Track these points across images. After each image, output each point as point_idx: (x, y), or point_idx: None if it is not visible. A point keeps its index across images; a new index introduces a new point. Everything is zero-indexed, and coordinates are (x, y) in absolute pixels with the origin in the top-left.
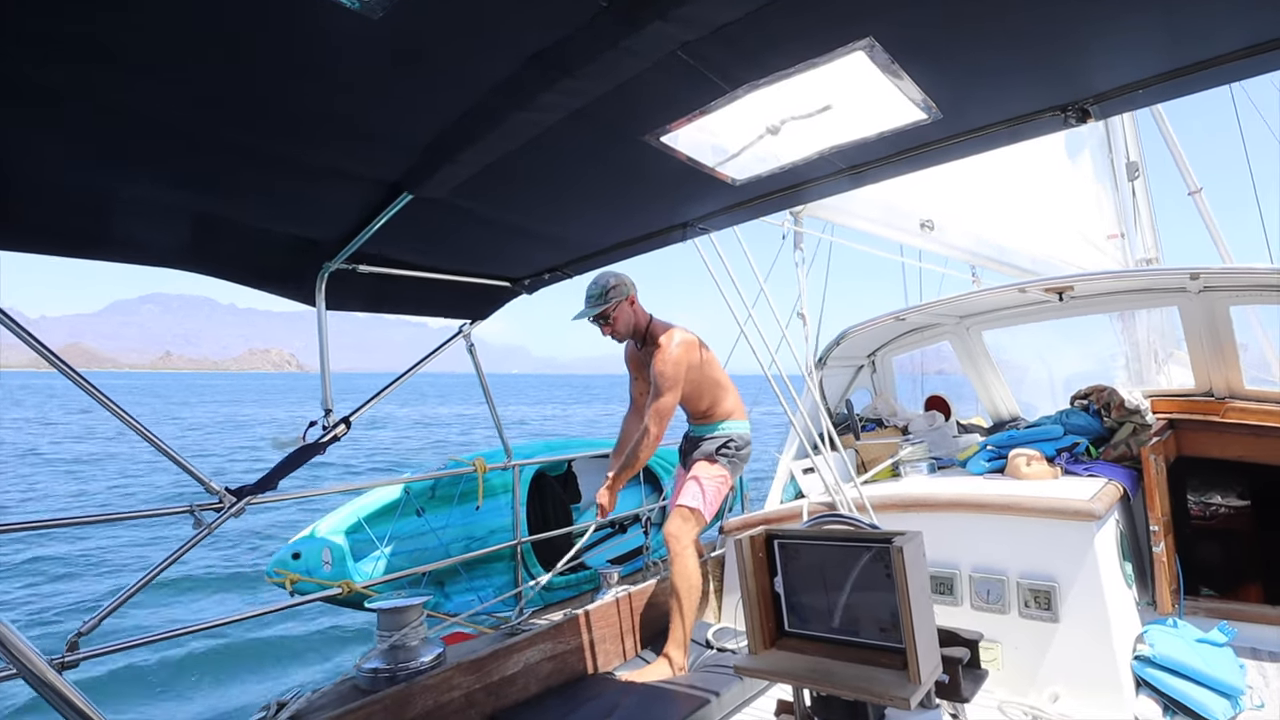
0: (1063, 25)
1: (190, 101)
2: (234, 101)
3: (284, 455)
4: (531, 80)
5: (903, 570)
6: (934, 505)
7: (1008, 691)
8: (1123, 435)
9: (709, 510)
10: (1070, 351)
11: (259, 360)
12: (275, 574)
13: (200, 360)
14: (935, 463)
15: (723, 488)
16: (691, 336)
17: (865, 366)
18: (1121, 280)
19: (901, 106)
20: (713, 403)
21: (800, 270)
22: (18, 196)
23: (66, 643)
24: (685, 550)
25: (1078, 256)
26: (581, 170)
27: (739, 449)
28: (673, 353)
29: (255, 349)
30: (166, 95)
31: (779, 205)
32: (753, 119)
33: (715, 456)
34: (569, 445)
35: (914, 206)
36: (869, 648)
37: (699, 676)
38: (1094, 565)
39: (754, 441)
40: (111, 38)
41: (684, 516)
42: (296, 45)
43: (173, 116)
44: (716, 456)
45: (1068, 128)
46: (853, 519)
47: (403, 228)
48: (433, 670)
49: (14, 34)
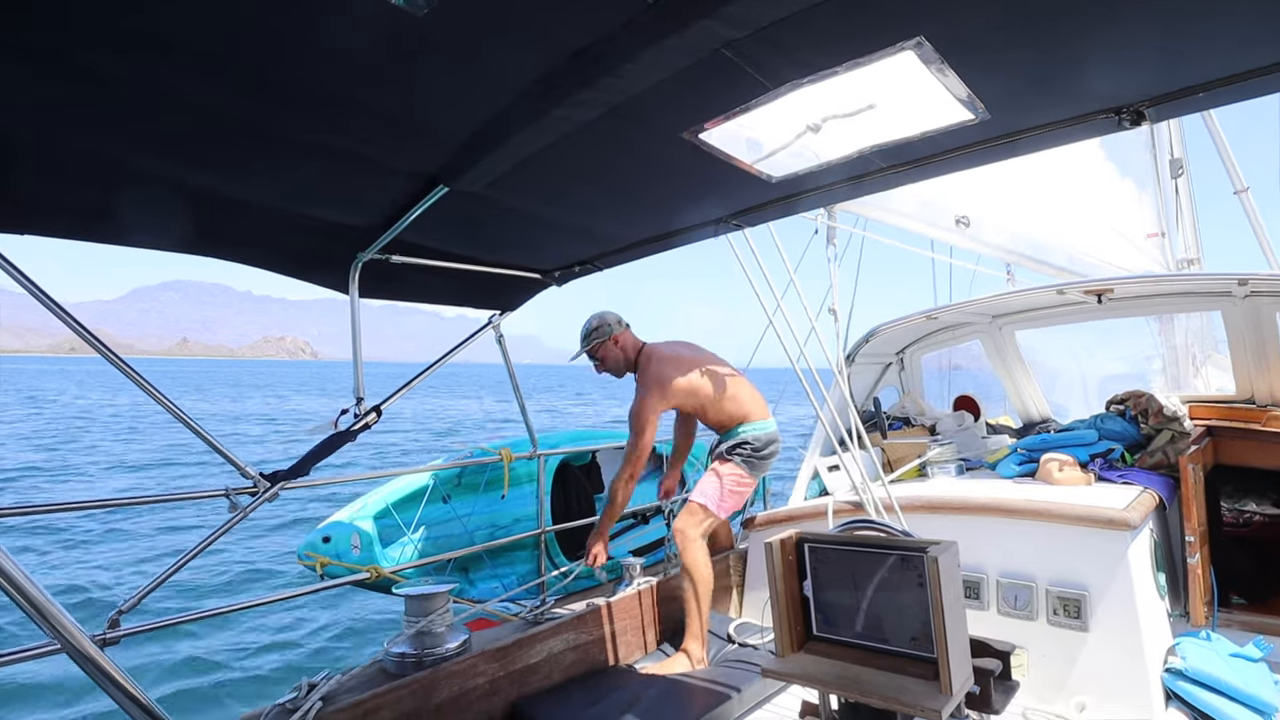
0: (1123, 26)
1: (228, 88)
2: (274, 91)
3: (317, 442)
4: (572, 77)
5: (937, 581)
6: (963, 508)
7: (1033, 699)
8: (1160, 442)
9: (721, 507)
10: (1104, 353)
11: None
12: (306, 556)
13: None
14: (964, 464)
15: (739, 486)
16: (665, 375)
17: (893, 364)
18: (1164, 284)
19: (947, 105)
20: (723, 414)
21: (832, 265)
22: (56, 183)
23: (108, 620)
24: (691, 544)
25: (1115, 255)
26: (616, 165)
27: (756, 450)
28: (641, 396)
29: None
30: (206, 82)
31: (815, 203)
32: (793, 117)
33: (729, 455)
34: (594, 436)
35: (950, 202)
36: (899, 656)
37: (720, 672)
38: (1127, 575)
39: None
40: (159, 26)
41: (692, 511)
42: (339, 38)
43: (214, 104)
44: (729, 455)
45: (1120, 130)
46: (885, 525)
47: (437, 219)
48: (458, 656)
49: (55, 19)
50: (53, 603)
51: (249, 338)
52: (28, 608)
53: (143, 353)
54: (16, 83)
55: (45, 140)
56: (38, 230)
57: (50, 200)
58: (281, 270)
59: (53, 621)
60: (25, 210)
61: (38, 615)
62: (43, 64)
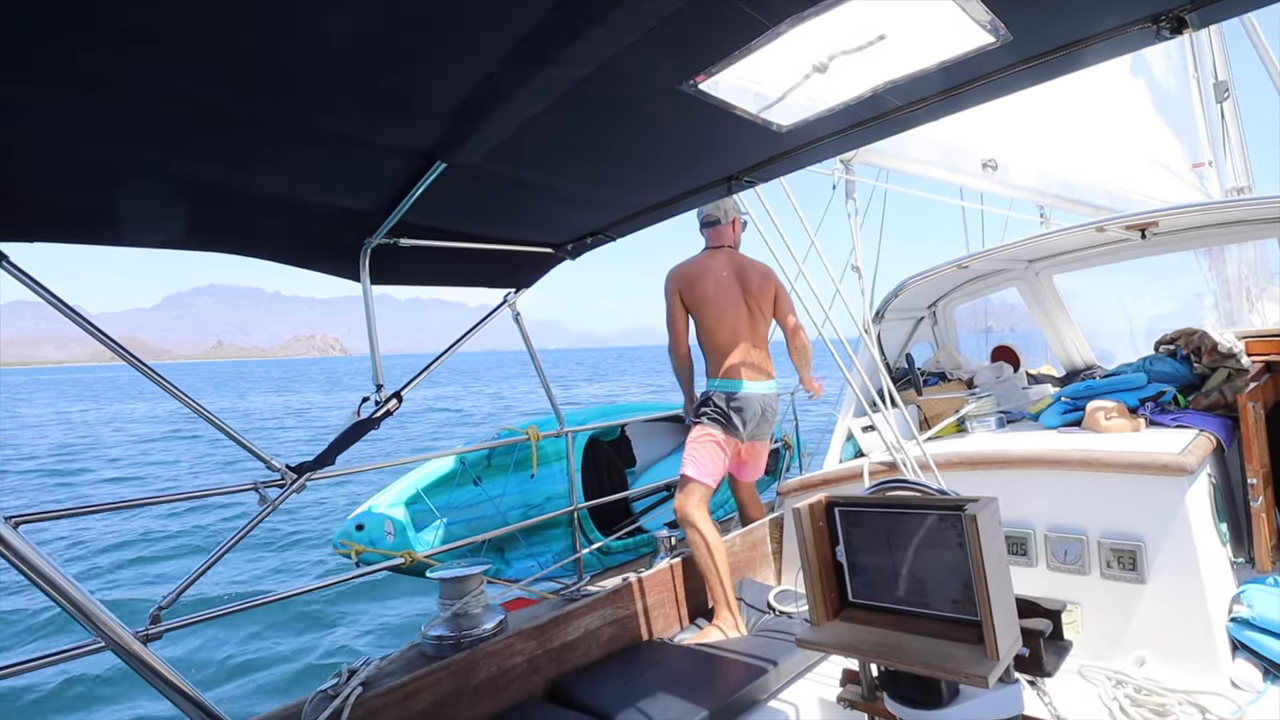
0: None
1: (221, 82)
2: (266, 80)
3: (340, 432)
4: (558, 32)
5: (976, 539)
6: (1005, 462)
7: (1089, 655)
8: (1215, 382)
9: (702, 471)
10: (1151, 292)
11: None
12: (341, 545)
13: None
14: (1004, 417)
15: (709, 445)
16: (672, 272)
17: (926, 318)
18: (1211, 213)
19: (965, 30)
20: (708, 363)
21: (853, 221)
22: (59, 189)
23: (149, 615)
24: (690, 521)
25: (1158, 189)
26: (617, 127)
27: (719, 408)
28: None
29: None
30: (195, 76)
31: (830, 151)
32: (798, 58)
33: (696, 417)
34: (622, 410)
35: (975, 146)
36: (941, 620)
37: (759, 643)
38: (1185, 523)
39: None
40: (138, 15)
41: (680, 488)
42: (317, 18)
43: (207, 97)
44: (696, 417)
45: (1160, 41)
46: (919, 484)
47: (440, 198)
48: (495, 637)
49: (49, 20)
50: (93, 601)
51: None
52: (69, 608)
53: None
54: (13, 88)
55: (46, 145)
56: (45, 237)
57: (55, 205)
58: (293, 261)
59: (95, 620)
60: (31, 217)
61: (80, 615)
62: (39, 67)
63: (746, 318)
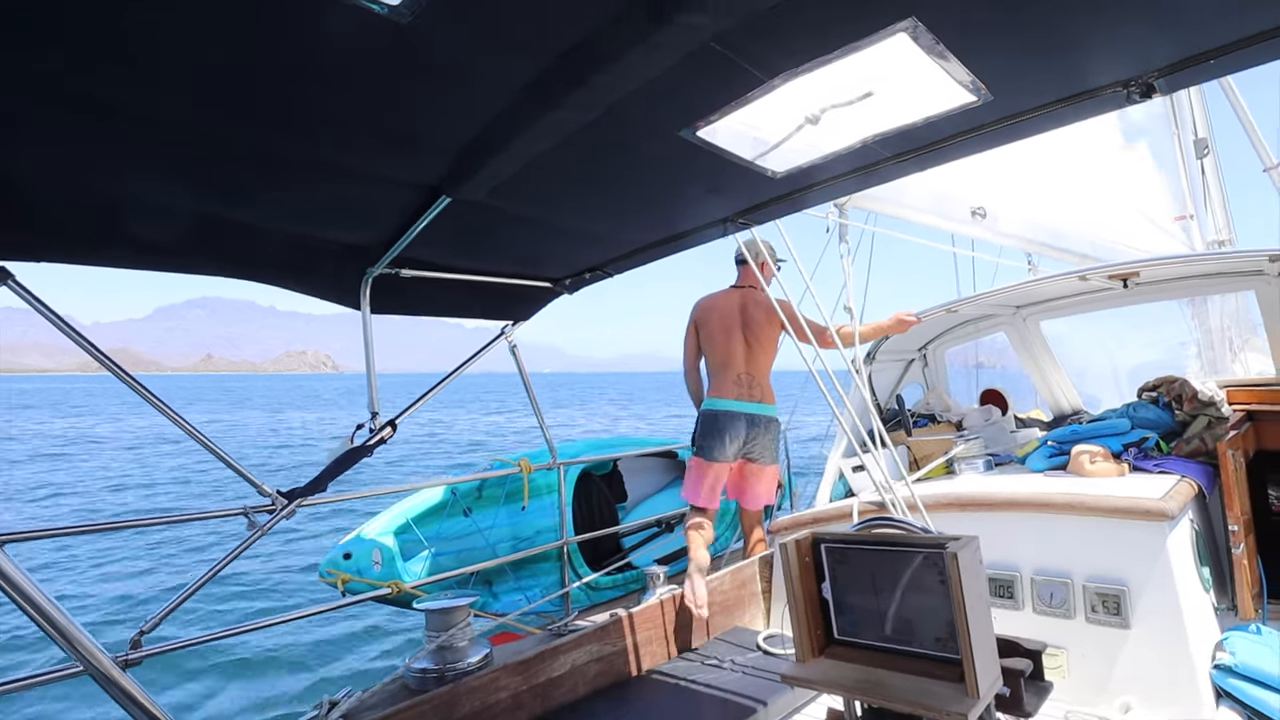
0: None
1: (226, 115)
2: (272, 114)
3: (332, 458)
4: (562, 78)
5: (958, 578)
6: (992, 504)
7: (1074, 700)
8: (1196, 429)
9: (688, 493)
10: (1136, 340)
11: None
12: (328, 573)
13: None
14: (992, 459)
15: (690, 466)
16: (695, 302)
17: (916, 360)
18: (1192, 264)
19: (948, 89)
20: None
21: (846, 261)
22: (64, 212)
23: (130, 641)
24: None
25: (1142, 240)
26: (619, 167)
27: (696, 427)
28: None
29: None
30: (199, 103)
31: (823, 197)
32: (792, 109)
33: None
34: (614, 444)
35: (964, 193)
36: (924, 658)
37: (748, 683)
38: (1167, 568)
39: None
40: (144, 46)
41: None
42: (323, 49)
43: (214, 129)
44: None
45: (1130, 104)
46: (904, 522)
47: (443, 231)
48: (480, 671)
49: (51, 44)
50: (74, 624)
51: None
52: (49, 630)
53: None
54: (20, 114)
55: (55, 169)
56: (51, 257)
57: (61, 227)
58: (293, 287)
59: (74, 643)
60: (35, 239)
61: (59, 637)
62: (43, 94)
63: (742, 348)
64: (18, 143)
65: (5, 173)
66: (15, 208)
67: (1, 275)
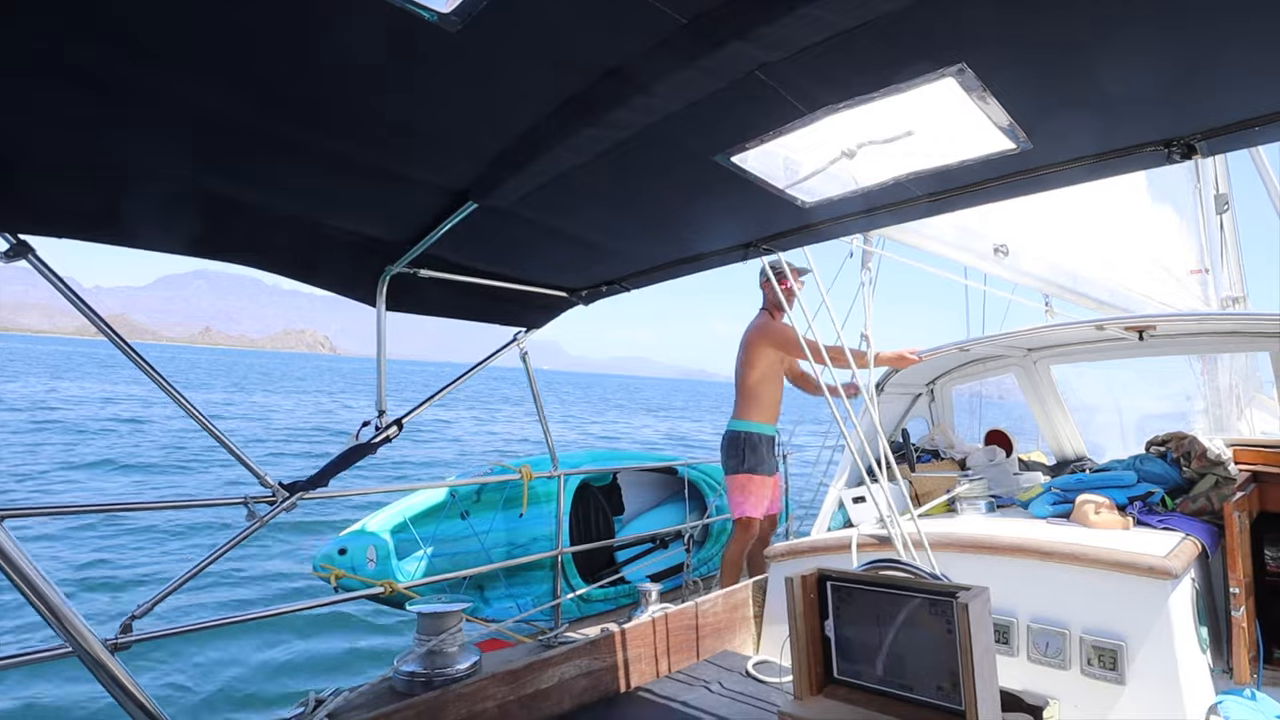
0: (1173, 57)
1: (259, 104)
2: (306, 107)
3: (337, 453)
4: (605, 96)
5: (967, 629)
6: (994, 548)
7: None
8: (1203, 487)
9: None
10: (1144, 391)
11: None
12: (321, 568)
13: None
14: (994, 501)
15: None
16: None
17: (923, 395)
18: (1209, 322)
19: (988, 134)
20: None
21: (867, 290)
22: (82, 189)
23: (120, 625)
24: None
25: (1158, 290)
26: (648, 186)
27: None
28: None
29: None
30: (233, 92)
31: (849, 230)
32: (828, 142)
33: None
34: (615, 457)
35: (989, 230)
36: (924, 705)
37: (737, 709)
38: (1167, 626)
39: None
40: (188, 36)
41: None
42: (373, 52)
43: (246, 119)
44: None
45: (1170, 164)
46: (912, 567)
47: (465, 235)
48: (468, 678)
49: (92, 32)
50: (67, 605)
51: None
52: (42, 609)
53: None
54: (54, 96)
55: (77, 149)
56: (69, 234)
57: (82, 206)
58: (307, 279)
59: (65, 624)
60: (55, 214)
61: (51, 617)
62: (74, 78)
63: (740, 368)
64: (47, 121)
65: (31, 148)
66: (37, 182)
67: (22, 249)
